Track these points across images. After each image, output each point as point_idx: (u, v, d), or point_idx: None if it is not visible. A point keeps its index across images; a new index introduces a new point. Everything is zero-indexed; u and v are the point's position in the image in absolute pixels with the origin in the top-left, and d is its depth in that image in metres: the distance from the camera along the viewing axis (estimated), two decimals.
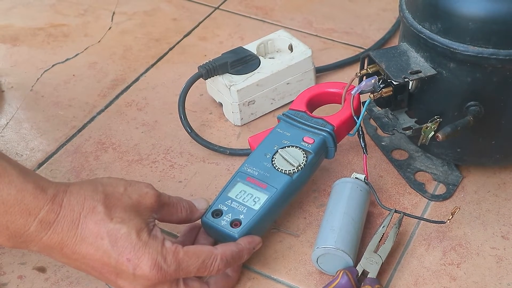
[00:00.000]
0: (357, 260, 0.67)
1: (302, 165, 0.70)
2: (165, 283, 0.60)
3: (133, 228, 0.60)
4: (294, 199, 0.73)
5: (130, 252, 0.59)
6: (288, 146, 0.72)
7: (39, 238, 0.58)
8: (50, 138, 0.85)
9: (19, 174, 0.58)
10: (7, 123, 0.88)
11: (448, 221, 0.69)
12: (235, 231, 0.66)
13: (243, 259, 0.65)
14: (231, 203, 0.68)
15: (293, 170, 0.69)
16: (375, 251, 0.67)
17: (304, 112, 0.75)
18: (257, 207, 0.67)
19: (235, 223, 0.67)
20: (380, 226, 0.68)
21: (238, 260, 0.64)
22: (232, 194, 0.69)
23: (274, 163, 0.70)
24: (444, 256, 0.69)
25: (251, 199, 0.68)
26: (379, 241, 0.68)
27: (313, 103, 0.78)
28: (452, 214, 0.68)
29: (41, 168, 0.81)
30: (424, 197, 0.75)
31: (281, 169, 0.70)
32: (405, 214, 0.70)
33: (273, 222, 0.71)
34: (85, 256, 0.59)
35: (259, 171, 0.70)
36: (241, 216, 0.67)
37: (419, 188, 0.76)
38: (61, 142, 0.84)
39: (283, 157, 0.71)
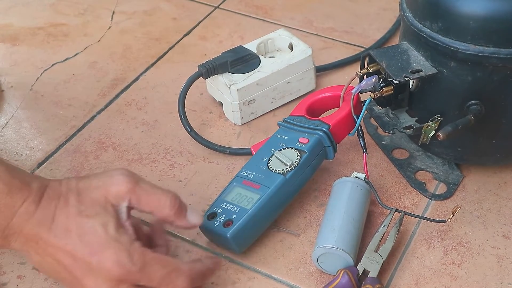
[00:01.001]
0: (357, 260, 0.67)
1: (296, 163, 0.70)
2: (127, 282, 0.59)
3: (99, 223, 0.59)
4: (295, 199, 0.73)
5: (95, 247, 0.58)
6: (284, 148, 0.72)
7: (19, 229, 0.58)
8: (50, 138, 0.85)
9: (5, 170, 0.59)
10: (7, 122, 0.88)
11: (449, 220, 0.69)
12: (226, 230, 0.67)
13: (206, 280, 0.65)
14: (225, 205, 0.69)
15: (286, 169, 0.70)
16: (376, 251, 0.67)
17: (303, 116, 0.76)
18: (249, 206, 0.68)
19: (227, 223, 0.67)
20: (380, 226, 0.68)
21: (202, 280, 0.64)
22: (228, 197, 0.70)
23: (269, 165, 0.71)
24: (445, 256, 0.69)
25: (245, 200, 0.69)
26: (380, 241, 0.68)
27: (315, 109, 0.78)
28: (453, 213, 0.68)
29: (40, 167, 0.81)
30: (425, 196, 0.75)
31: (275, 170, 0.70)
32: (405, 213, 0.70)
33: (270, 222, 0.71)
34: (57, 250, 0.59)
35: (255, 173, 0.71)
36: (233, 216, 0.68)
37: (420, 187, 0.76)
38: (61, 142, 0.84)
39: (278, 159, 0.71)
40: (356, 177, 0.72)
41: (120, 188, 0.60)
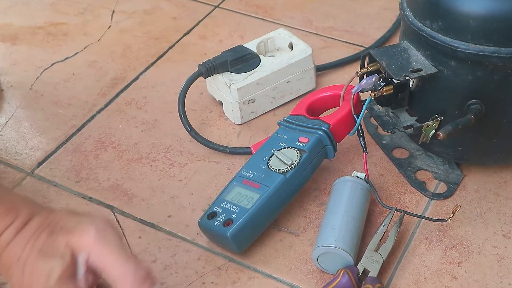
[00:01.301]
0: (358, 259, 0.67)
1: (296, 163, 0.70)
2: None
3: (47, 267, 0.53)
4: (295, 198, 0.73)
5: None
6: (284, 148, 0.72)
7: None
8: (49, 137, 0.85)
9: None
10: (7, 122, 0.87)
11: (449, 220, 0.69)
12: (226, 230, 0.67)
13: None
14: (225, 204, 0.69)
15: (286, 168, 0.70)
16: (376, 250, 0.67)
17: (303, 115, 0.76)
18: (249, 206, 0.68)
19: (227, 222, 0.68)
20: (381, 225, 0.68)
21: None
22: (228, 197, 0.70)
23: (269, 164, 0.71)
24: (445, 255, 0.69)
25: (245, 200, 0.69)
26: (380, 240, 0.67)
27: (315, 108, 0.78)
28: (453, 212, 0.68)
29: (40, 167, 0.81)
30: (425, 195, 0.75)
31: (275, 169, 0.70)
32: (406, 212, 0.70)
33: (270, 222, 0.71)
34: (14, 284, 0.55)
35: (255, 173, 0.71)
36: (233, 216, 0.68)
37: (420, 186, 0.76)
38: (61, 141, 0.84)
39: (278, 158, 0.71)
40: (356, 176, 0.72)
41: (82, 238, 0.54)
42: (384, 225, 0.68)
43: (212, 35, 1.00)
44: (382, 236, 0.68)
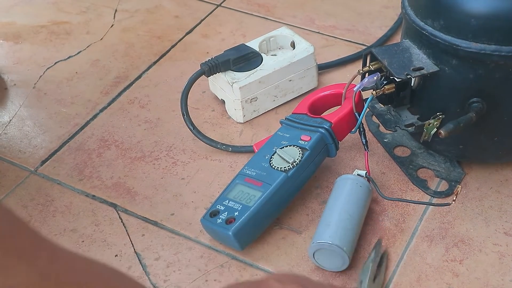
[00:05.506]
0: (354, 256, 0.67)
1: (298, 161, 0.70)
2: None
3: None
4: (297, 196, 0.73)
5: None
6: (286, 146, 0.72)
7: None
8: (53, 135, 0.85)
9: None
10: (10, 120, 0.88)
11: (453, 202, 0.68)
12: (229, 228, 0.67)
13: None
14: (228, 202, 0.70)
15: (288, 166, 0.70)
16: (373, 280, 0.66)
17: (305, 114, 0.76)
18: (251, 203, 0.68)
19: (229, 220, 0.68)
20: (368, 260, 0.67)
21: None
22: (230, 195, 0.70)
23: (272, 162, 0.71)
24: (447, 253, 0.70)
25: (247, 198, 0.69)
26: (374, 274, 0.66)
27: (317, 107, 0.78)
28: (456, 194, 0.68)
29: (44, 165, 0.81)
30: (427, 193, 0.75)
31: (277, 167, 0.71)
32: (410, 201, 0.70)
33: (272, 220, 0.72)
34: None
35: (257, 171, 0.71)
36: (236, 214, 0.68)
37: (422, 184, 0.76)
38: (64, 139, 0.85)
39: (280, 156, 0.72)
40: (357, 174, 0.72)
41: None
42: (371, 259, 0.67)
43: (214, 34, 1.01)
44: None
